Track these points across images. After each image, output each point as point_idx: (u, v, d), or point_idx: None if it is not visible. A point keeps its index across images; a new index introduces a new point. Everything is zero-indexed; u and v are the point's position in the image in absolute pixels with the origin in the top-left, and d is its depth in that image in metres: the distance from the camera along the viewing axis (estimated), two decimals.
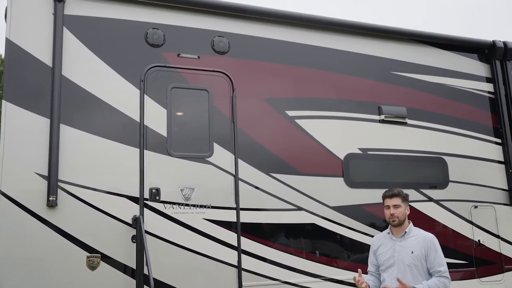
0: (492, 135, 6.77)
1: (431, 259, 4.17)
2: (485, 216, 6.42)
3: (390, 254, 4.28)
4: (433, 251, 4.20)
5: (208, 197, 5.20)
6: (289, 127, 5.72)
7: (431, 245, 4.22)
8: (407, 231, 4.31)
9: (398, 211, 4.30)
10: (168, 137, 5.20)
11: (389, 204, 4.32)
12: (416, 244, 4.22)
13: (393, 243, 4.30)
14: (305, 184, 5.60)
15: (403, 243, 4.26)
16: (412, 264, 4.17)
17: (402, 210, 4.32)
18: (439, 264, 4.18)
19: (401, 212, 4.31)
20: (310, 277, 5.43)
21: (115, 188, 4.93)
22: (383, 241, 4.42)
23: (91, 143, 4.95)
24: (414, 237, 4.27)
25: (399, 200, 4.32)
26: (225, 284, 5.11)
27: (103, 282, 4.73)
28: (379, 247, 4.42)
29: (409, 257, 4.18)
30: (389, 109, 6.20)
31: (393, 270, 4.22)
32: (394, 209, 4.29)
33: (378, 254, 4.41)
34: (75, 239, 4.71)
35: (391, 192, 4.35)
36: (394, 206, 4.30)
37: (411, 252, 4.19)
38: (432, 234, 4.33)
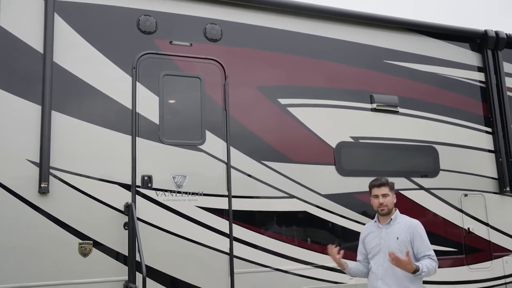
0: (483, 124, 6.82)
1: (418, 245, 4.19)
2: (475, 204, 6.48)
3: (377, 242, 4.32)
4: (418, 236, 4.22)
5: (200, 185, 5.21)
6: (281, 115, 5.73)
7: (416, 231, 4.24)
8: (392, 218, 4.33)
9: (387, 200, 4.33)
10: (160, 124, 5.20)
11: (377, 194, 4.35)
12: (401, 230, 4.24)
13: (380, 230, 4.34)
14: (297, 172, 5.63)
15: (388, 230, 4.30)
16: (398, 250, 4.19)
17: (390, 199, 4.34)
18: (427, 249, 4.21)
19: (390, 201, 4.34)
20: (301, 264, 5.47)
21: (107, 175, 4.93)
22: (371, 230, 4.45)
23: (83, 130, 4.94)
24: (399, 224, 4.30)
25: (387, 189, 4.35)
26: (217, 271, 5.14)
27: (95, 268, 4.74)
28: (367, 235, 4.45)
29: (394, 243, 4.21)
30: (381, 97, 6.22)
31: (380, 257, 4.25)
32: (383, 198, 4.32)
33: (366, 242, 4.45)
34: (67, 226, 4.72)
35: (380, 181, 4.38)
36: (383, 195, 4.33)
37: (396, 238, 4.22)
38: (417, 220, 4.36)
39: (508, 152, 6.75)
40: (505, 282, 6.40)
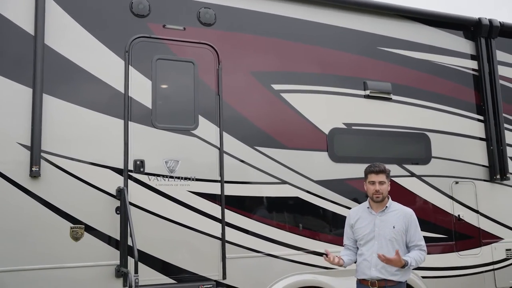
0: (475, 112, 6.84)
1: (411, 234, 4.25)
2: (466, 191, 6.53)
3: (370, 229, 4.33)
4: (413, 225, 4.28)
5: (192, 170, 5.20)
6: (275, 101, 5.71)
7: (412, 220, 4.30)
8: (387, 206, 4.36)
9: (383, 187, 4.34)
10: (153, 109, 5.17)
11: (374, 180, 4.35)
12: (397, 219, 4.28)
13: (373, 217, 4.35)
14: (290, 158, 5.63)
15: (383, 218, 4.32)
16: (394, 239, 4.24)
17: (386, 186, 4.36)
18: (419, 238, 4.28)
19: (386, 188, 4.36)
20: (293, 249, 5.50)
21: (99, 159, 4.91)
22: (361, 215, 4.45)
23: (74, 113, 4.90)
24: (394, 212, 4.33)
25: (384, 177, 4.36)
26: (209, 256, 5.15)
27: (86, 252, 4.74)
28: (357, 221, 4.45)
29: (390, 232, 4.24)
30: (374, 84, 6.22)
31: (373, 244, 4.28)
32: (380, 185, 4.33)
33: (356, 228, 4.45)
34: (58, 210, 4.70)
35: (378, 168, 4.36)
36: (380, 182, 4.33)
37: (393, 227, 4.25)
38: (411, 209, 4.40)
39: (499, 140, 6.79)
40: (493, 268, 6.48)
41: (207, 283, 5.06)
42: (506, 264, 6.57)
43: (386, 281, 4.18)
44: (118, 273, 4.78)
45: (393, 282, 4.18)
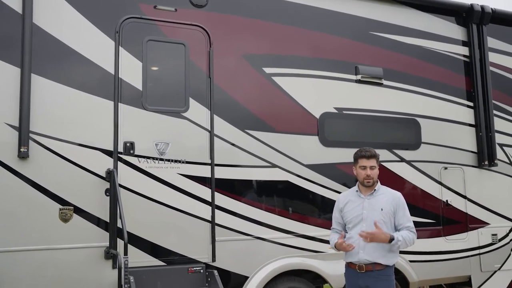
0: (465, 99, 6.87)
1: (399, 216, 4.28)
2: (454, 177, 6.58)
3: (359, 212, 4.36)
4: (402, 208, 4.31)
5: (183, 152, 5.18)
6: (266, 84, 5.68)
7: (400, 203, 4.33)
8: (376, 189, 4.38)
9: (374, 172, 4.35)
10: (143, 90, 5.12)
11: (365, 165, 4.35)
12: (385, 202, 4.30)
13: (362, 200, 4.38)
14: (280, 142, 5.63)
15: (372, 201, 4.34)
16: (382, 221, 4.26)
17: (376, 171, 4.38)
18: (407, 220, 4.31)
19: (376, 173, 4.38)
20: (282, 233, 5.52)
21: (89, 141, 4.87)
22: (350, 199, 4.47)
23: (64, 94, 4.84)
24: (382, 195, 4.36)
25: (375, 161, 4.37)
26: (199, 238, 5.16)
27: (76, 234, 4.72)
28: (346, 204, 4.47)
29: (378, 214, 4.27)
30: (365, 69, 6.21)
31: (362, 226, 4.30)
32: (371, 170, 4.34)
33: (344, 211, 4.47)
34: (47, 191, 4.67)
35: (370, 153, 4.37)
36: (371, 167, 4.34)
37: (381, 209, 4.28)
38: (399, 192, 4.43)
39: (488, 126, 6.83)
40: (479, 253, 6.57)
41: (196, 266, 5.08)
42: (491, 248, 6.66)
43: (374, 264, 4.21)
44: (108, 255, 4.78)
45: (381, 265, 4.21)
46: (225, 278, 5.15)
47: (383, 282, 4.21)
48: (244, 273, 5.30)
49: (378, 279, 4.20)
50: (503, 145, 6.99)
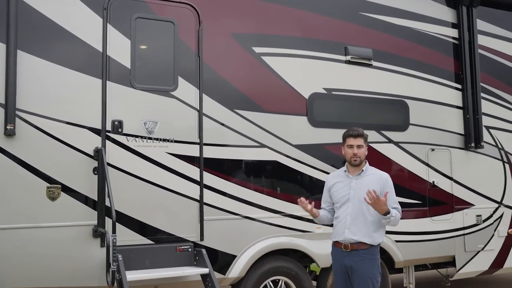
0: (453, 81, 6.90)
1: (387, 197, 4.31)
2: (441, 159, 6.64)
3: (346, 191, 4.40)
4: (388, 189, 4.34)
5: (171, 131, 5.17)
6: (255, 64, 5.66)
7: (387, 183, 4.37)
8: (364, 169, 4.41)
9: (361, 151, 4.38)
10: (132, 69, 5.07)
11: (353, 144, 4.39)
12: (372, 182, 4.33)
13: (349, 180, 4.41)
14: (269, 122, 5.62)
15: (359, 181, 4.37)
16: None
17: (364, 150, 4.41)
18: (394, 202, 4.35)
19: (363, 152, 4.41)
20: (270, 212, 5.55)
21: (76, 119, 4.83)
22: (339, 179, 4.51)
23: (50, 71, 4.78)
24: (370, 176, 4.39)
25: (362, 141, 4.40)
26: (187, 217, 5.18)
27: (64, 212, 4.71)
28: (334, 184, 4.52)
29: (364, 195, 4.30)
30: (355, 50, 6.20)
31: (348, 206, 4.35)
32: (358, 149, 4.37)
33: (332, 191, 4.52)
34: (34, 169, 4.64)
35: (357, 132, 4.41)
36: (358, 146, 4.37)
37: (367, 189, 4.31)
38: (387, 173, 4.47)
39: (476, 109, 6.88)
40: (464, 233, 6.67)
41: (184, 244, 5.10)
42: (475, 229, 6.77)
43: (359, 243, 4.26)
44: (96, 233, 4.78)
45: (366, 245, 4.26)
46: (213, 257, 5.18)
47: (367, 261, 4.26)
48: (232, 252, 5.34)
49: (363, 258, 4.25)
50: (490, 128, 7.06)
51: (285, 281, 5.58)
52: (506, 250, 6.97)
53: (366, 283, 4.22)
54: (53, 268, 4.65)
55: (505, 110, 7.28)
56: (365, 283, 4.22)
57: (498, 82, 7.26)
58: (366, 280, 4.22)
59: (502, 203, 7.03)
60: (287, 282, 5.60)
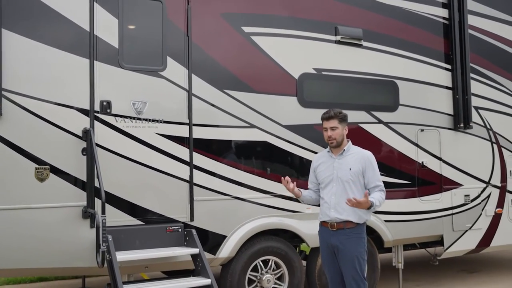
0: (443, 61, 6.90)
1: (369, 176, 4.31)
2: (430, 139, 6.68)
3: (330, 172, 4.40)
4: (370, 167, 4.33)
5: (160, 112, 5.13)
6: (245, 44, 5.61)
7: (368, 162, 4.34)
8: (345, 149, 4.40)
9: (335, 133, 4.37)
10: (120, 48, 5.01)
11: (326, 126, 4.39)
12: (354, 161, 4.33)
13: (332, 161, 4.42)
14: (259, 102, 5.61)
15: (341, 161, 4.37)
16: (350, 181, 4.30)
17: (339, 131, 4.37)
18: (377, 180, 4.33)
19: (338, 133, 4.37)
20: (260, 193, 5.57)
21: (64, 100, 4.77)
22: (323, 160, 4.52)
23: (37, 51, 4.71)
24: (352, 155, 4.38)
25: (336, 122, 4.37)
26: (177, 197, 5.18)
27: (53, 194, 4.68)
28: (319, 165, 4.52)
29: (347, 174, 4.30)
30: (345, 30, 6.17)
31: (332, 186, 4.36)
32: (332, 131, 4.36)
33: (317, 172, 4.53)
34: (22, 150, 4.59)
35: (328, 114, 4.39)
36: (332, 128, 4.36)
37: (349, 168, 4.31)
38: (369, 151, 4.43)
39: (465, 89, 6.90)
40: (452, 213, 6.74)
41: (174, 225, 5.11)
42: (464, 209, 6.84)
43: (345, 222, 4.28)
44: (85, 214, 4.77)
45: (352, 223, 4.28)
46: (203, 237, 5.20)
47: (354, 239, 4.28)
48: (222, 232, 5.36)
49: (349, 237, 4.28)
50: (479, 108, 7.09)
51: (275, 261, 5.63)
52: (493, 229, 7.06)
53: (352, 261, 4.26)
54: (43, 249, 4.64)
55: (494, 90, 7.32)
56: (351, 261, 4.26)
57: (487, 63, 7.28)
58: (353, 258, 4.26)
59: (490, 183, 7.10)
60: (277, 262, 5.64)
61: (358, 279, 4.25)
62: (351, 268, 4.25)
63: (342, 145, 4.40)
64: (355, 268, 4.25)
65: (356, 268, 4.25)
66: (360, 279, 4.26)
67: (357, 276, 4.25)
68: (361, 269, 4.27)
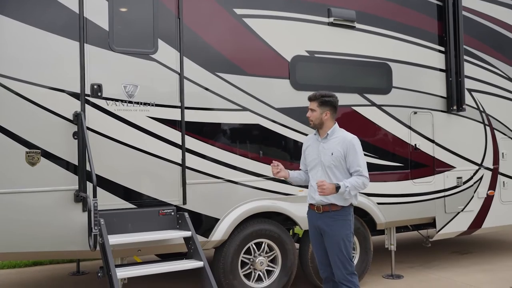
0: (437, 43, 6.87)
1: (350, 160, 4.25)
2: (423, 121, 6.68)
3: (315, 155, 4.41)
4: (352, 151, 4.26)
5: (152, 95, 5.10)
6: (237, 26, 5.56)
7: (350, 145, 4.27)
8: (329, 133, 4.35)
9: (313, 115, 4.37)
10: (110, 31, 4.96)
11: (308, 107, 4.42)
12: (336, 146, 4.29)
13: (318, 144, 4.41)
14: (251, 85, 5.58)
15: (325, 145, 4.35)
16: (332, 165, 4.27)
17: (316, 114, 4.35)
18: (357, 164, 4.24)
19: (315, 116, 4.36)
20: (253, 176, 5.57)
21: (54, 83, 4.73)
22: (310, 142, 4.51)
23: (26, 34, 4.65)
24: (335, 139, 4.34)
25: (315, 104, 4.36)
26: (169, 181, 5.17)
27: (44, 178, 4.66)
28: (308, 147, 4.52)
29: (329, 158, 4.28)
30: (338, 11, 6.12)
31: (317, 171, 4.35)
32: (310, 112, 4.39)
33: (306, 154, 4.54)
34: (12, 134, 4.57)
35: (309, 95, 4.43)
36: (311, 109, 4.39)
37: (331, 153, 4.29)
38: (353, 135, 4.36)
39: (458, 72, 6.89)
40: (444, 195, 6.77)
41: (167, 208, 5.11)
42: (456, 191, 6.87)
43: (330, 205, 4.27)
44: (77, 198, 4.76)
45: (337, 206, 4.26)
46: (196, 220, 5.20)
47: (339, 222, 4.27)
48: (215, 215, 5.37)
49: (335, 220, 4.28)
50: (472, 90, 7.09)
51: (268, 243, 5.65)
52: (484, 211, 7.11)
53: (337, 243, 4.26)
54: (35, 233, 4.64)
55: (488, 73, 7.30)
56: (337, 244, 4.26)
57: (481, 45, 7.25)
58: (338, 241, 4.25)
59: (482, 165, 7.12)
60: (270, 245, 5.66)
61: (344, 260, 4.26)
62: (337, 250, 4.26)
63: (325, 128, 4.37)
64: (341, 250, 4.25)
65: (342, 250, 4.25)
66: (346, 260, 4.26)
67: (343, 257, 4.26)
68: (347, 251, 4.27)
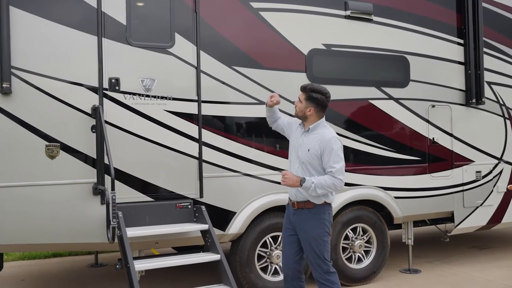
0: (455, 36, 6.79)
1: (325, 160, 4.15)
2: (441, 115, 6.61)
3: (296, 145, 4.35)
4: (328, 151, 4.14)
5: (169, 89, 5.13)
6: (253, 19, 5.56)
7: (327, 146, 4.15)
8: (311, 127, 4.27)
9: (298, 105, 4.31)
10: (128, 25, 4.99)
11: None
12: (314, 143, 4.21)
13: (301, 134, 4.35)
14: (268, 78, 5.57)
15: (305, 139, 4.28)
16: (307, 162, 4.18)
17: (301, 106, 4.29)
18: (330, 165, 4.12)
19: (299, 108, 4.31)
20: (269, 169, 5.57)
21: (73, 77, 4.78)
22: (298, 129, 4.43)
23: (45, 28, 4.70)
24: (315, 135, 4.25)
25: (303, 96, 4.29)
26: (186, 174, 5.20)
27: (63, 171, 4.73)
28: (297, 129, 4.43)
29: (305, 155, 4.20)
30: (355, 4, 6.07)
31: (296, 163, 4.30)
32: (297, 101, 4.34)
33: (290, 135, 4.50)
34: (32, 128, 4.63)
35: (302, 85, 4.38)
36: (299, 99, 4.34)
37: (308, 150, 4.22)
38: (333, 135, 4.24)
39: (478, 64, 6.79)
40: (463, 190, 6.70)
41: (184, 201, 5.14)
42: (475, 185, 6.80)
43: (305, 202, 4.21)
44: (96, 191, 4.81)
45: (311, 204, 4.20)
46: (213, 213, 5.22)
47: (312, 220, 4.20)
48: (232, 208, 5.39)
49: (307, 218, 4.21)
50: (492, 83, 6.99)
51: None
52: (504, 205, 7.03)
53: (309, 242, 4.19)
54: (54, 225, 4.71)
55: (508, 65, 7.20)
56: (309, 242, 4.20)
57: (501, 37, 7.15)
58: (310, 239, 4.19)
59: (502, 159, 7.04)
60: None
61: (317, 259, 4.18)
62: (310, 249, 4.21)
63: (309, 122, 4.30)
64: (313, 249, 4.18)
65: (314, 249, 4.18)
66: (320, 259, 4.17)
67: (316, 256, 4.18)
68: (319, 250, 4.17)
